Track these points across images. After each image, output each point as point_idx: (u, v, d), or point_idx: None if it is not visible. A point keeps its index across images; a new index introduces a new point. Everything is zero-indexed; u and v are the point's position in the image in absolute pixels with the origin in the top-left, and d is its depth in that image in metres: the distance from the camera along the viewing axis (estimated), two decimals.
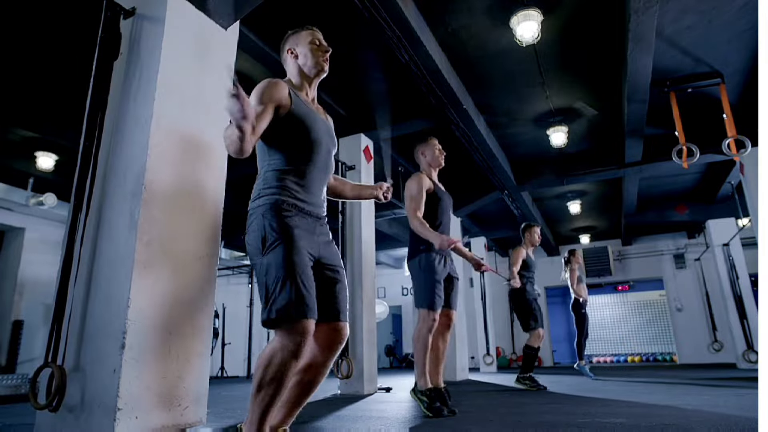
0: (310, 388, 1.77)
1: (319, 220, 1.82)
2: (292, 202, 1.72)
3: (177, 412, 2.32)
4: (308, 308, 1.59)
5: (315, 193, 1.81)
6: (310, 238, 1.73)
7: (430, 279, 2.99)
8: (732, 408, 2.68)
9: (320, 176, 1.84)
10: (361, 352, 4.67)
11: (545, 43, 4.31)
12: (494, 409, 3.07)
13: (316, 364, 1.76)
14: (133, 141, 2.49)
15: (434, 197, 3.17)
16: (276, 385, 1.58)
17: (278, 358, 1.58)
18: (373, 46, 4.19)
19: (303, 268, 1.63)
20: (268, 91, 1.72)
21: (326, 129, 1.90)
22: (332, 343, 1.77)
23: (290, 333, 1.58)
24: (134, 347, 2.16)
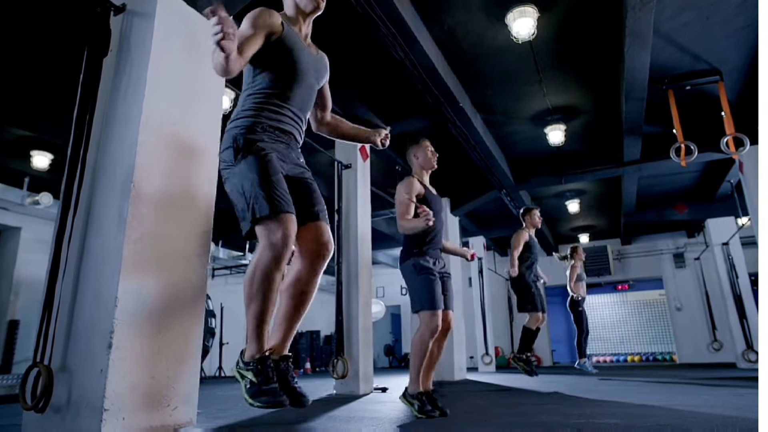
0: (303, 300, 1.78)
1: (294, 145, 1.90)
2: (267, 124, 1.78)
3: (166, 413, 2.29)
4: (287, 203, 1.63)
5: (292, 121, 1.87)
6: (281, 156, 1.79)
7: (427, 278, 2.96)
8: (729, 408, 2.64)
9: (299, 107, 1.90)
10: (356, 352, 4.64)
11: (542, 40, 4.28)
12: (489, 409, 3.03)
13: (305, 275, 1.78)
14: (122, 138, 2.46)
15: (425, 202, 3.12)
16: (263, 293, 1.60)
17: (262, 263, 1.60)
18: (369, 43, 4.16)
19: (273, 171, 1.68)
20: (260, 17, 1.78)
21: (313, 63, 1.97)
22: (317, 247, 1.78)
23: (270, 231, 1.60)
24: (122, 347, 2.13)
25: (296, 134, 1.92)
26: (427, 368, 3.03)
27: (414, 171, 3.32)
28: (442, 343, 3.13)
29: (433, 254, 3.06)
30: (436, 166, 3.30)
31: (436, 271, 3.02)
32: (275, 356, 1.70)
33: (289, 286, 1.78)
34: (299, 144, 1.97)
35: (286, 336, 1.77)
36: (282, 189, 1.66)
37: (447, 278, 3.16)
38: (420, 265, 2.98)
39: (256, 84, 1.85)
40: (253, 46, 1.73)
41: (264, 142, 1.74)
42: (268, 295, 1.60)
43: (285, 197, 1.65)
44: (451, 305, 3.14)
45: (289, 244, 1.60)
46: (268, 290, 1.60)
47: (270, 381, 1.62)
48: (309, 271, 1.78)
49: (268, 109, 1.81)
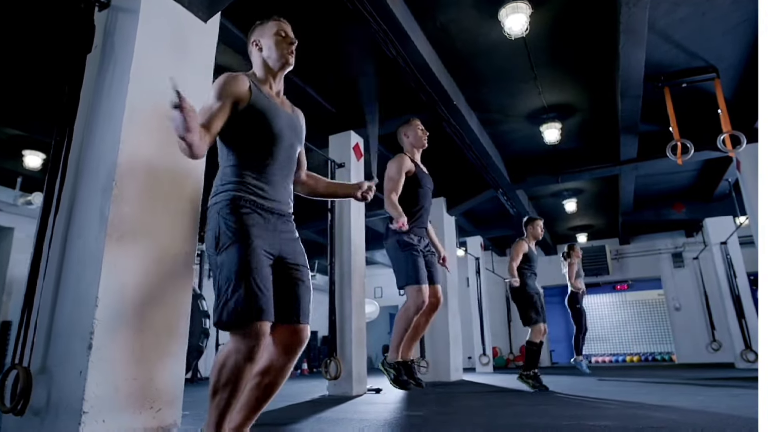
0: (270, 391, 1.70)
1: (283, 217, 1.75)
2: (250, 199, 1.66)
3: (149, 415, 2.24)
4: (262, 310, 1.53)
5: (277, 189, 1.75)
6: (271, 236, 1.67)
7: (409, 254, 2.95)
8: (724, 409, 2.60)
9: (282, 172, 1.78)
10: (350, 353, 4.59)
11: (536, 36, 4.23)
12: (481, 410, 2.99)
13: (276, 367, 1.69)
14: (105, 136, 2.42)
15: (415, 179, 3.12)
16: (231, 388, 1.52)
17: (232, 361, 1.53)
18: (361, 40, 4.11)
19: (258, 269, 1.57)
20: (226, 86, 1.68)
21: (290, 123, 1.84)
22: (292, 346, 1.70)
23: (243, 336, 1.53)
24: (102, 347, 2.08)
25: (283, 202, 1.77)
26: (410, 339, 3.02)
27: (405, 150, 3.31)
28: (430, 317, 3.12)
29: (417, 232, 3.06)
30: (427, 144, 3.30)
31: (420, 248, 3.00)
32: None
33: (258, 374, 1.67)
34: (290, 211, 1.82)
35: (248, 420, 1.69)
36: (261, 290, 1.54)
37: (431, 255, 3.14)
38: (404, 241, 2.96)
39: (232, 155, 1.72)
40: (220, 120, 1.63)
41: (249, 227, 1.61)
42: (235, 390, 1.53)
43: (262, 301, 1.54)
44: (437, 279, 3.12)
45: (261, 346, 1.53)
46: (237, 385, 1.53)
47: None
48: (281, 363, 1.69)
49: (250, 180, 1.68)
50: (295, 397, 4.36)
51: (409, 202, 3.07)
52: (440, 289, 3.17)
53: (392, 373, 2.89)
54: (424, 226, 3.19)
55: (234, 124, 1.69)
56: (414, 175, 3.14)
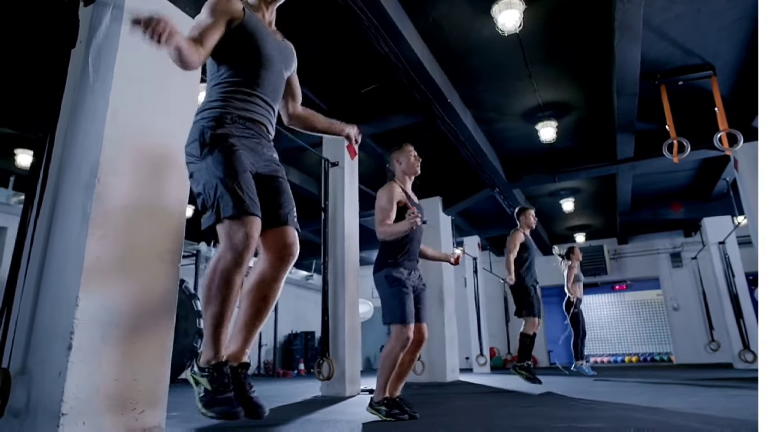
0: (264, 306, 1.69)
1: (264, 138, 1.81)
2: (236, 114, 1.69)
3: (131, 417, 2.20)
4: (251, 204, 1.55)
5: (262, 111, 1.79)
6: (252, 151, 1.71)
7: (398, 292, 2.86)
8: (718, 410, 2.56)
9: (269, 96, 1.82)
10: (343, 353, 4.54)
11: (530, 32, 4.19)
12: (472, 411, 2.95)
13: (267, 279, 1.69)
14: (88, 133, 2.39)
15: (405, 210, 3.03)
16: (223, 296, 1.52)
17: (222, 264, 1.52)
18: (353, 37, 4.06)
19: (243, 170, 1.60)
20: (219, 3, 1.71)
21: (279, 49, 1.90)
22: (282, 251, 1.70)
23: (232, 232, 1.52)
24: (83, 348, 2.04)
25: (268, 125, 1.84)
26: (396, 378, 2.95)
27: (396, 176, 3.24)
28: (415, 354, 3.04)
29: (408, 265, 2.96)
30: (420, 171, 3.23)
31: (410, 284, 2.93)
32: (233, 363, 1.61)
33: (251, 290, 1.69)
34: (271, 136, 1.88)
35: (245, 342, 1.68)
36: (249, 188, 1.59)
37: (422, 290, 3.07)
38: (393, 276, 2.87)
39: (221, 74, 1.77)
40: (214, 35, 1.66)
41: (233, 137, 1.65)
42: (227, 298, 1.53)
43: (251, 197, 1.58)
44: (424, 318, 3.04)
45: (251, 246, 1.53)
46: (228, 293, 1.53)
47: (226, 390, 1.54)
48: (272, 275, 1.69)
49: (236, 98, 1.72)
50: (287, 398, 4.32)
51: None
52: (426, 327, 3.08)
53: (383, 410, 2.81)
54: (415, 259, 3.11)
55: (225, 42, 1.72)
56: (405, 206, 3.06)
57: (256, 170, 1.72)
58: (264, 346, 11.16)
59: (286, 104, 2.10)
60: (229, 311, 1.56)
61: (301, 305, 11.98)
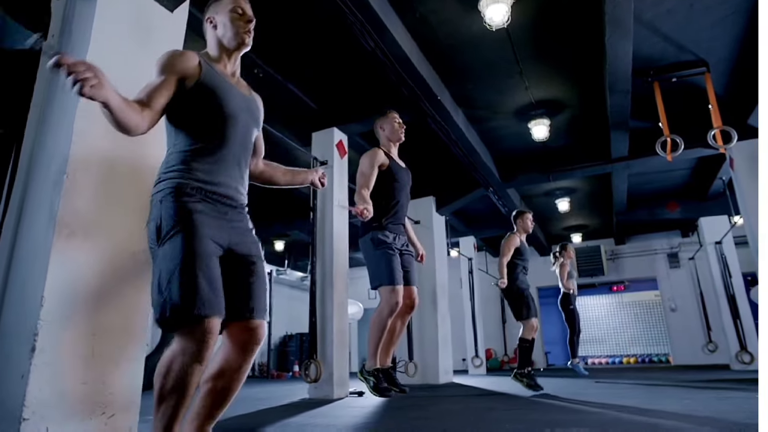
0: (225, 396, 1.54)
1: (235, 207, 1.61)
2: (196, 185, 1.50)
3: (100, 421, 2.12)
4: (210, 304, 1.38)
5: (230, 175, 1.60)
6: (219, 225, 1.52)
7: (385, 253, 2.84)
8: (709, 412, 2.48)
9: (236, 158, 1.62)
10: (330, 355, 4.46)
11: (519, 28, 4.12)
12: (457, 415, 2.87)
13: (230, 369, 1.53)
14: (58, 128, 2.31)
15: (389, 173, 3.00)
16: (178, 395, 1.37)
17: (178, 364, 1.38)
18: (339, 33, 3.99)
19: (204, 259, 1.42)
20: (170, 60, 1.54)
21: (246, 105, 1.70)
22: (247, 344, 1.54)
23: (190, 334, 1.38)
24: (47, 350, 1.96)
25: (238, 196, 1.63)
26: (387, 345, 2.91)
27: (381, 143, 3.22)
28: (406, 319, 3.01)
29: (393, 229, 2.94)
30: (404, 138, 3.20)
31: (396, 247, 2.90)
32: None
33: (211, 378, 1.52)
34: (243, 202, 1.67)
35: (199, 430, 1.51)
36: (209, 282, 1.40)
37: (408, 254, 3.04)
38: (378, 239, 2.85)
39: (179, 139, 1.57)
40: (162, 96, 1.48)
41: (194, 213, 1.45)
42: (183, 397, 1.38)
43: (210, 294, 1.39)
44: (413, 281, 3.01)
45: (209, 349, 1.38)
46: (184, 392, 1.38)
47: None
48: (236, 363, 1.53)
49: (197, 166, 1.52)
50: (274, 401, 4.24)
51: (383, 196, 2.95)
52: (416, 291, 3.05)
53: (371, 380, 2.77)
54: (401, 222, 3.08)
55: (182, 103, 1.54)
56: (388, 168, 3.03)
57: (228, 246, 1.54)
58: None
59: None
60: (185, 408, 1.41)
61: (296, 306, 11.89)
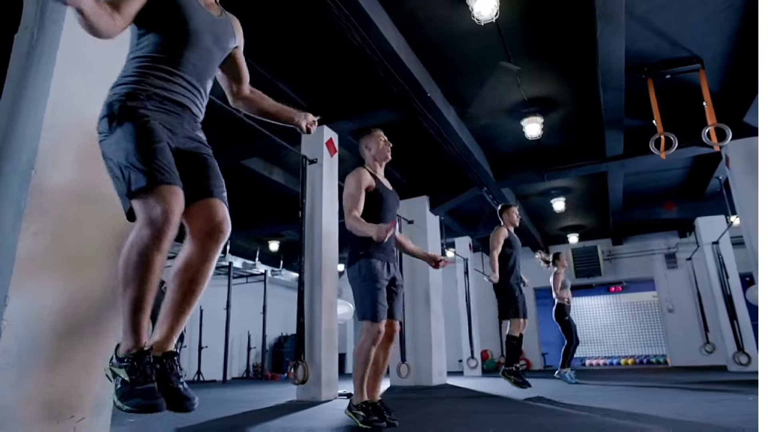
0: (192, 289, 1.51)
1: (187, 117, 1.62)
2: (151, 92, 1.52)
3: (68, 425, 2.04)
4: (163, 172, 1.37)
5: (186, 89, 1.61)
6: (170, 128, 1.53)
7: (371, 287, 2.72)
8: (698, 416, 2.41)
9: (195, 75, 1.64)
10: (318, 356, 4.39)
11: (510, 24, 4.04)
12: (443, 418, 2.80)
13: (195, 260, 1.51)
14: (28, 122, 2.24)
15: (376, 195, 2.89)
16: (141, 277, 1.35)
17: (139, 243, 1.35)
18: (326, 29, 3.91)
19: (157, 139, 1.43)
20: None
21: (211, 24, 1.71)
22: (207, 226, 1.52)
23: (148, 206, 1.35)
24: (11, 351, 1.89)
25: (192, 107, 1.66)
26: (373, 377, 2.81)
27: (367, 163, 3.12)
28: (388, 349, 2.91)
29: (381, 257, 2.82)
30: (390, 157, 3.11)
31: (384, 278, 2.79)
32: (157, 353, 1.46)
33: (177, 273, 1.52)
34: (198, 118, 1.72)
35: (171, 330, 1.51)
36: (164, 158, 1.42)
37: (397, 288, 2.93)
38: (366, 272, 2.73)
39: (141, 47, 1.60)
40: (136, 1, 1.50)
41: (146, 110, 1.49)
42: (146, 280, 1.37)
43: (167, 167, 1.41)
44: (396, 314, 2.90)
45: (171, 220, 1.36)
46: (147, 274, 1.36)
47: (147, 380, 1.38)
48: (200, 256, 1.51)
49: (154, 75, 1.55)
50: (260, 402, 4.16)
51: (369, 220, 2.79)
52: (397, 324, 2.94)
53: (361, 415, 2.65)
54: (391, 251, 2.96)
55: (149, 12, 1.55)
56: (375, 190, 2.90)
57: (176, 146, 1.55)
58: (253, 348, 11.00)
59: (230, 85, 1.94)
60: (150, 295, 1.39)
61: (291, 307, 11.77)
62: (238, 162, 6.16)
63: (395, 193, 3.13)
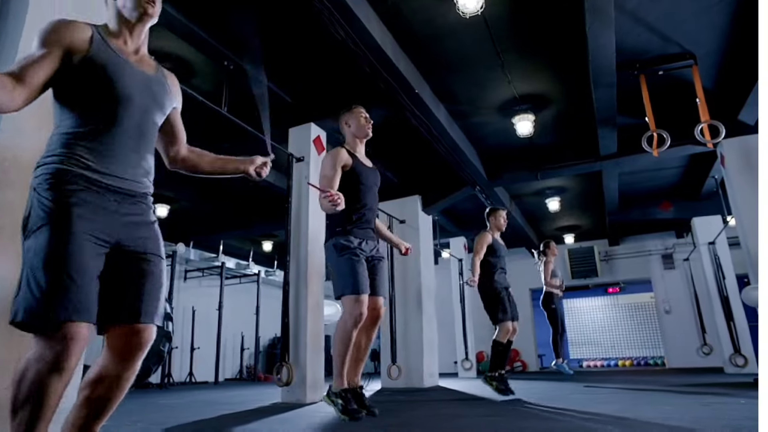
0: (103, 407, 1.37)
1: (130, 197, 1.43)
2: (79, 173, 1.33)
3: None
4: (73, 307, 1.22)
5: (122, 164, 1.42)
6: (106, 219, 1.35)
7: (349, 260, 2.68)
8: (686, 421, 2.32)
9: (131, 143, 1.44)
10: (304, 358, 4.29)
11: (497, 18, 3.96)
12: (424, 422, 2.71)
13: (110, 377, 1.37)
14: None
15: (353, 174, 2.85)
16: (33, 406, 1.21)
17: (33, 372, 1.21)
18: (311, 23, 3.82)
19: (74, 256, 1.25)
20: (54, 31, 1.35)
21: (144, 82, 1.51)
22: (130, 350, 1.37)
23: (47, 340, 1.21)
24: None
25: (135, 185, 1.45)
26: (354, 362, 2.76)
27: (346, 141, 3.07)
28: (371, 332, 2.85)
29: (359, 233, 2.78)
30: (371, 134, 3.06)
31: (362, 252, 2.74)
32: None
33: (88, 387, 1.36)
34: (147, 197, 1.50)
35: None
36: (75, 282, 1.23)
37: (378, 261, 2.88)
38: (342, 244, 2.70)
39: (64, 122, 1.39)
40: (42, 70, 1.30)
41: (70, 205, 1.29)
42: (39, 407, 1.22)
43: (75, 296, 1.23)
44: (381, 291, 2.85)
45: (73, 354, 1.22)
46: (41, 402, 1.22)
47: None
48: (117, 370, 1.36)
49: (82, 154, 1.35)
50: (241, 405, 4.08)
51: (348, 199, 2.74)
52: (382, 301, 2.88)
53: (340, 403, 2.61)
54: (369, 227, 2.91)
55: (68, 80, 1.36)
56: (352, 169, 2.86)
57: (117, 242, 1.37)
58: (246, 350, 10.91)
59: (166, 148, 1.72)
60: (44, 424, 1.24)
61: None
62: None
63: (376, 171, 3.09)
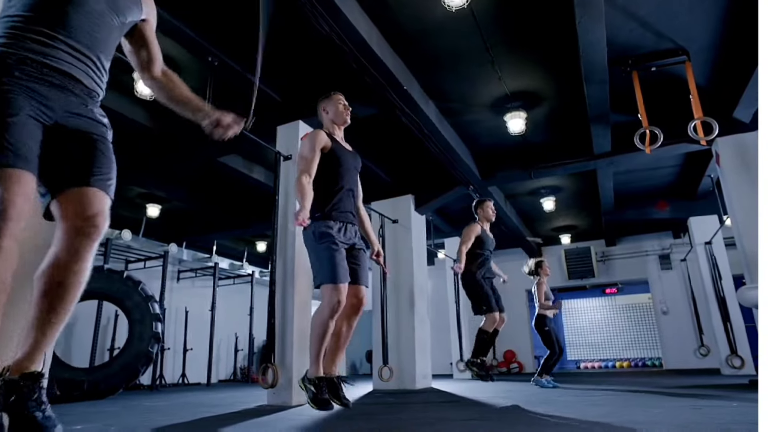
0: (60, 295, 1.29)
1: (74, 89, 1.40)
2: (23, 56, 1.30)
3: None
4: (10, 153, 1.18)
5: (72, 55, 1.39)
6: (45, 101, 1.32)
7: (328, 247, 2.62)
8: (675, 425, 2.24)
9: (82, 39, 1.41)
10: (290, 359, 4.22)
11: (486, 13, 3.89)
12: (404, 425, 2.62)
13: (63, 260, 1.29)
14: None
15: (332, 156, 2.81)
16: None
17: None
18: (295, 18, 3.75)
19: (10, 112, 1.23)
20: None
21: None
22: (78, 220, 1.31)
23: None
24: None
25: (83, 78, 1.43)
26: (333, 351, 2.69)
27: (324, 126, 3.04)
28: (353, 321, 2.79)
29: (339, 217, 2.72)
30: (349, 121, 3.03)
31: (342, 240, 2.68)
32: (14, 375, 1.26)
33: (42, 275, 1.30)
34: (94, 93, 1.48)
35: (36, 347, 1.29)
36: (13, 135, 1.21)
37: (358, 250, 2.82)
38: (321, 231, 2.64)
39: (12, 4, 1.39)
40: None
41: (11, 78, 1.27)
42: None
43: (15, 146, 1.20)
44: (361, 279, 2.78)
45: (9, 210, 1.16)
46: None
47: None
48: (69, 254, 1.30)
49: (28, 38, 1.33)
50: (224, 408, 3.99)
51: (326, 182, 2.75)
52: (364, 290, 2.82)
53: (311, 391, 2.57)
54: (349, 210, 2.84)
55: None
56: (331, 151, 2.82)
57: (55, 121, 1.35)
58: (240, 351, 10.83)
59: (139, 63, 1.73)
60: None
61: None
62: (215, 160, 6.00)
63: (356, 154, 3.06)
